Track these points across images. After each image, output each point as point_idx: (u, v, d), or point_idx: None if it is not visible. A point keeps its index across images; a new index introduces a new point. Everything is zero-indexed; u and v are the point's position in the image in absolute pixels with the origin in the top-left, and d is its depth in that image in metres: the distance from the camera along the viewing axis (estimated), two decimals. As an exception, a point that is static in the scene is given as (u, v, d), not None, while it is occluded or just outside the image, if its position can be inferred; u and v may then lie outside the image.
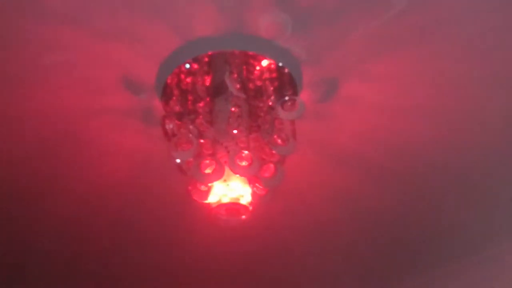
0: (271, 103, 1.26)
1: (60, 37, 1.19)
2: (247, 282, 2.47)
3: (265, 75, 1.28)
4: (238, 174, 1.21)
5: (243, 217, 1.27)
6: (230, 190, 1.25)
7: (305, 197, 1.85)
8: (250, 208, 1.26)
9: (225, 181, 1.24)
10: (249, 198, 1.26)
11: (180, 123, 1.26)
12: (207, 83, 1.28)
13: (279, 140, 1.26)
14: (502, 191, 1.85)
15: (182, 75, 1.28)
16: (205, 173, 1.20)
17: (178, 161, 1.25)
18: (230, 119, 1.24)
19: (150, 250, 2.16)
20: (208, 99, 1.28)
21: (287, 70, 1.29)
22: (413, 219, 2.01)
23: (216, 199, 1.25)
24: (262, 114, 1.28)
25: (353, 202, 1.88)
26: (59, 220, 1.90)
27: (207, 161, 1.21)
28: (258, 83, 1.28)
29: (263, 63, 1.28)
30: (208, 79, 1.28)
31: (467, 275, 2.24)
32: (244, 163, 1.19)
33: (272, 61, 1.27)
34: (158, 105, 1.38)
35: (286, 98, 1.25)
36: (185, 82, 1.28)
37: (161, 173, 1.66)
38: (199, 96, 1.26)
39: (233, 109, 1.24)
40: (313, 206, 1.90)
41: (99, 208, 1.85)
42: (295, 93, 1.33)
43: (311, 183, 1.77)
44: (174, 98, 1.28)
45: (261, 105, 1.28)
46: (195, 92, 1.26)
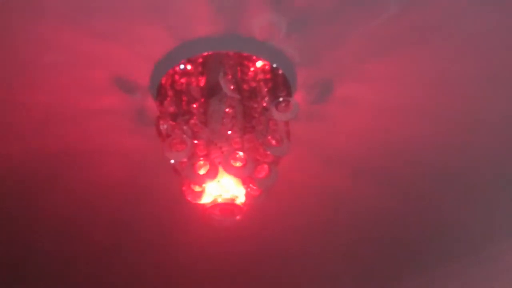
0: (265, 104, 1.26)
1: (55, 37, 1.20)
2: (242, 283, 2.48)
3: (259, 76, 1.27)
4: (232, 175, 1.21)
5: (237, 217, 1.27)
6: (224, 191, 1.25)
7: (300, 198, 1.85)
8: (244, 208, 1.27)
9: (219, 182, 1.24)
10: (243, 198, 1.26)
11: (174, 123, 1.26)
12: (202, 84, 1.28)
13: (273, 141, 1.26)
14: (502, 191, 1.84)
15: (176, 75, 1.28)
16: (199, 173, 1.21)
17: (172, 161, 1.25)
18: (224, 120, 1.24)
19: (146, 250, 2.16)
20: (203, 100, 1.28)
21: (281, 71, 1.29)
22: (413, 219, 2.01)
23: (210, 200, 1.25)
24: (256, 115, 1.28)
25: (349, 203, 1.88)
26: (56, 220, 1.91)
27: (201, 162, 1.22)
28: (252, 84, 1.28)
29: (258, 64, 1.28)
30: (203, 80, 1.28)
31: (467, 275, 2.24)
32: (238, 163, 1.20)
33: (266, 62, 1.27)
34: (152, 106, 1.39)
35: (280, 99, 1.25)
36: (179, 83, 1.28)
37: (155, 173, 1.66)
38: (194, 97, 1.26)
39: (227, 110, 1.24)
40: (308, 206, 1.90)
41: (95, 208, 1.86)
42: (289, 94, 1.33)
43: (306, 183, 1.76)
44: (169, 99, 1.28)
45: (255, 106, 1.28)
46: (190, 93, 1.26)
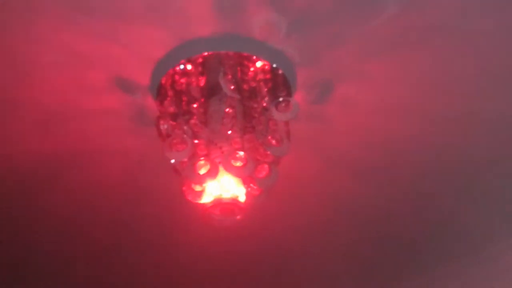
0: (265, 104, 1.26)
1: (55, 37, 1.20)
2: (243, 283, 2.47)
3: (259, 76, 1.28)
4: (233, 175, 1.21)
5: (238, 217, 1.27)
6: (224, 191, 1.25)
7: (300, 198, 1.85)
8: (244, 208, 1.27)
9: (219, 181, 1.24)
10: (243, 198, 1.26)
11: (174, 123, 1.26)
12: (202, 84, 1.28)
13: (273, 141, 1.26)
14: (502, 191, 1.84)
15: (176, 76, 1.29)
16: (199, 173, 1.21)
17: (172, 161, 1.25)
18: (224, 120, 1.24)
19: (146, 250, 2.16)
20: (203, 100, 1.28)
21: (281, 71, 1.29)
22: (413, 219, 2.01)
23: (211, 199, 1.25)
24: (256, 115, 1.29)
25: (349, 203, 1.88)
26: (56, 220, 1.91)
27: (202, 162, 1.22)
28: (252, 84, 1.28)
29: (257, 64, 1.28)
30: (203, 80, 1.29)
31: (467, 275, 2.24)
32: (239, 163, 1.19)
33: (266, 62, 1.28)
34: (152, 106, 1.39)
35: (280, 99, 1.26)
36: (179, 83, 1.28)
37: (155, 173, 1.66)
38: (194, 97, 1.26)
39: (227, 110, 1.24)
40: (308, 206, 1.90)
41: (95, 208, 1.86)
42: (289, 94, 1.33)
43: (306, 183, 1.77)
44: (169, 99, 1.28)
45: (255, 106, 1.28)
46: (190, 93, 1.27)
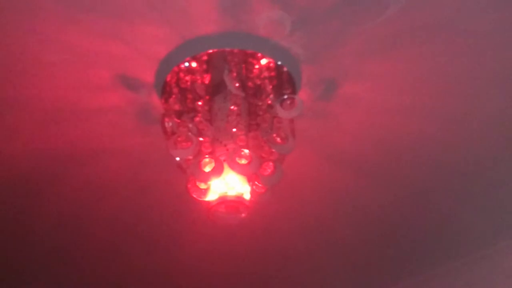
0: (270, 102, 1.26)
1: (60, 36, 1.20)
2: (243, 283, 2.46)
3: (264, 73, 1.28)
4: (237, 172, 1.21)
5: (242, 215, 1.27)
6: (229, 188, 1.25)
7: (304, 196, 1.85)
8: (249, 206, 1.26)
9: (224, 179, 1.24)
10: (248, 196, 1.26)
11: (179, 121, 1.26)
12: (206, 82, 1.29)
13: (278, 139, 1.26)
14: (502, 191, 1.85)
15: (181, 73, 1.29)
16: (204, 171, 1.20)
17: (177, 159, 1.25)
18: (229, 118, 1.24)
19: (149, 249, 2.15)
20: (208, 97, 1.28)
21: (286, 69, 1.29)
22: (413, 219, 2.01)
23: (215, 197, 1.25)
24: (261, 113, 1.29)
25: (352, 201, 1.88)
26: (57, 219, 1.90)
27: (207, 159, 1.21)
28: (257, 81, 1.29)
29: (262, 61, 1.28)
30: (207, 78, 1.29)
31: (467, 275, 2.24)
32: (244, 161, 1.19)
33: (271, 59, 1.28)
34: (157, 103, 1.39)
35: (285, 97, 1.26)
36: (184, 81, 1.28)
37: (160, 171, 1.66)
38: (198, 94, 1.26)
39: (232, 107, 1.24)
40: (312, 204, 1.90)
41: (98, 207, 1.85)
42: (294, 91, 1.33)
43: (310, 181, 1.76)
44: (174, 97, 1.28)
45: (260, 103, 1.28)
46: (195, 91, 1.27)
